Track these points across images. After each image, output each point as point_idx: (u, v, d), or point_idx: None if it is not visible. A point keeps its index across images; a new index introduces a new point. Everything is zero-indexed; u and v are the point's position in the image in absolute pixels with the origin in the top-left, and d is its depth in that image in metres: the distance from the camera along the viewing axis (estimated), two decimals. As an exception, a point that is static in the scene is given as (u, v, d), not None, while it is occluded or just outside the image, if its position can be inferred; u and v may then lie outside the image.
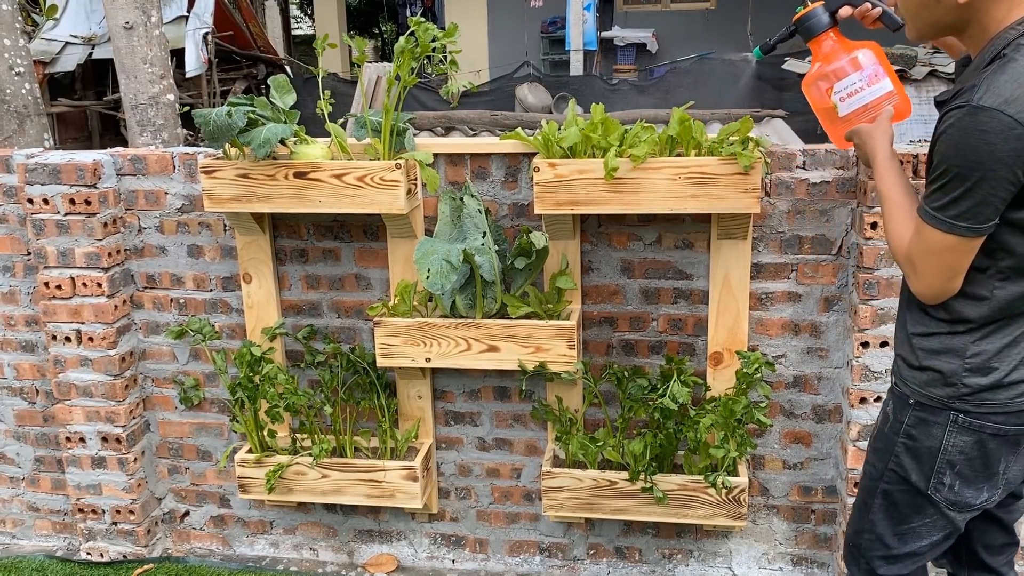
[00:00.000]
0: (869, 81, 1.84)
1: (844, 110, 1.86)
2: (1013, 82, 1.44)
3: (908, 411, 1.71)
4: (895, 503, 1.77)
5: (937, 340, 1.67)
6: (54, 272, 2.69)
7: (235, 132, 2.29)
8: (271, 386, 2.62)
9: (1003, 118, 1.42)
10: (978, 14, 1.55)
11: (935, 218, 1.54)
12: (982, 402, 1.64)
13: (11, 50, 4.99)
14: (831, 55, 1.87)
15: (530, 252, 2.40)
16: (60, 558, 2.97)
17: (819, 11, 1.88)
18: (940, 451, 1.68)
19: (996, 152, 1.44)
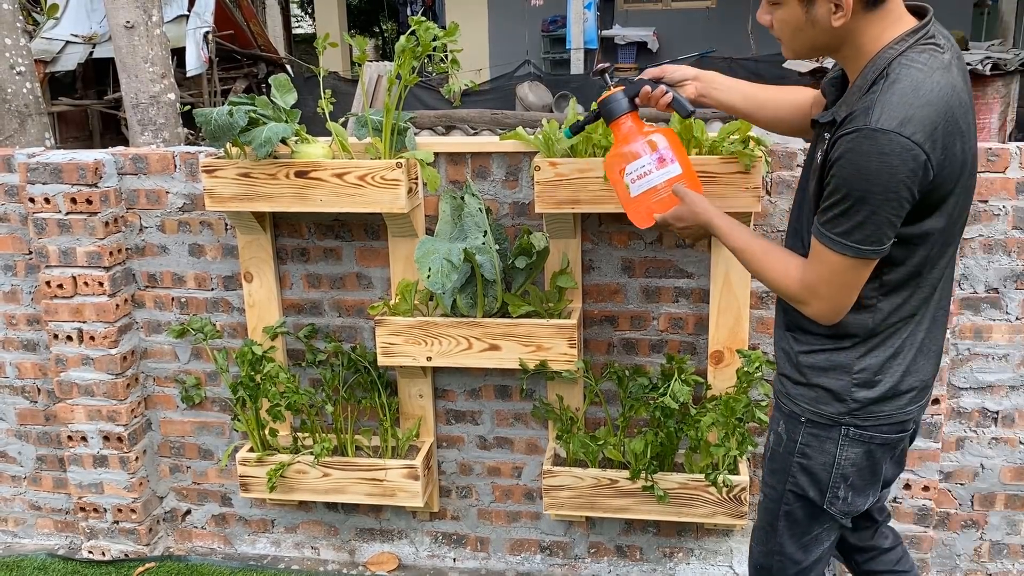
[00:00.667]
0: (657, 164, 1.89)
1: (635, 191, 1.92)
2: (904, 103, 1.44)
3: (800, 429, 1.73)
4: (797, 520, 1.80)
5: (823, 357, 1.68)
6: (56, 271, 2.70)
7: (236, 131, 2.29)
8: (272, 385, 2.62)
9: (901, 140, 1.43)
10: (853, 35, 1.55)
11: (840, 243, 1.53)
12: (870, 415, 1.67)
13: (12, 49, 4.99)
14: (627, 137, 1.92)
15: (531, 251, 2.40)
16: (62, 557, 2.98)
17: (619, 95, 1.93)
18: (834, 466, 1.71)
19: (896, 174, 1.44)
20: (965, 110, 1.52)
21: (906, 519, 2.51)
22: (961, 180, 1.53)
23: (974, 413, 2.52)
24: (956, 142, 1.49)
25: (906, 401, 1.69)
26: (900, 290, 1.61)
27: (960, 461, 2.57)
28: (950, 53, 1.53)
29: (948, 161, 1.48)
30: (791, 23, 1.58)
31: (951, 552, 2.64)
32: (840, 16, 1.51)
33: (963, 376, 2.50)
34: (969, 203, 1.62)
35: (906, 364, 1.66)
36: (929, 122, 1.44)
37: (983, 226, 2.38)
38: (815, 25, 1.55)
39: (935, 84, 1.47)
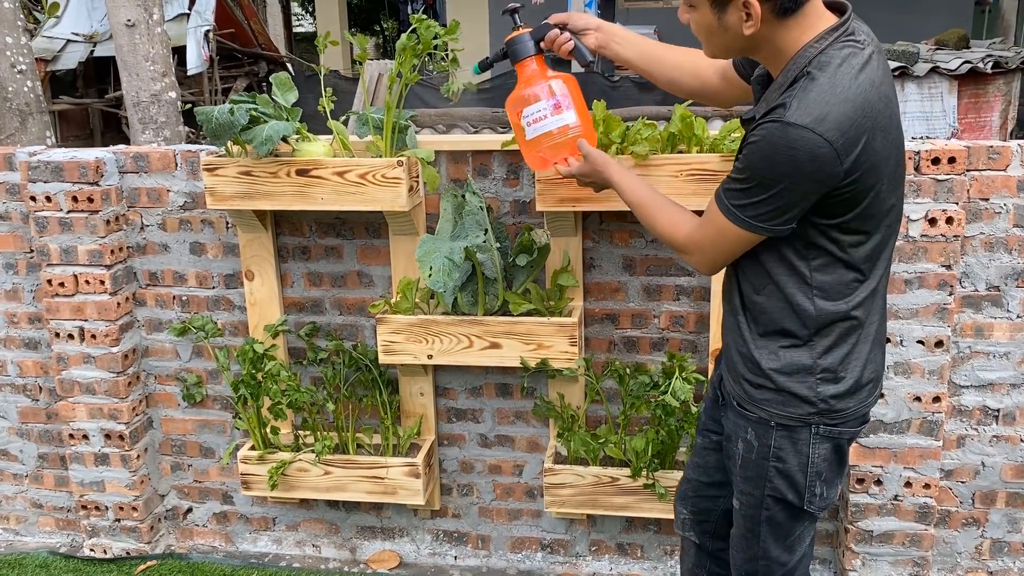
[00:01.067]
0: (553, 110, 1.90)
1: (530, 134, 1.93)
2: (821, 101, 1.47)
3: (772, 434, 1.74)
4: (779, 523, 1.81)
5: (786, 360, 1.69)
6: (57, 269, 2.70)
7: (237, 130, 2.29)
8: (274, 383, 2.62)
9: (812, 136, 1.46)
10: (769, 41, 1.57)
11: (733, 213, 1.60)
12: (837, 412, 1.70)
13: (13, 48, 4.99)
14: (529, 80, 1.94)
15: (532, 249, 2.40)
16: (63, 555, 2.98)
17: (525, 37, 1.95)
18: (808, 466, 1.73)
19: (801, 168, 1.49)
20: (886, 104, 1.54)
21: (907, 517, 2.51)
22: (886, 172, 1.56)
23: (975, 411, 2.52)
24: (876, 137, 1.51)
25: (866, 394, 1.73)
26: (850, 285, 1.64)
27: (961, 459, 2.57)
28: (871, 48, 1.55)
29: (866, 156, 1.51)
30: (704, 27, 1.62)
31: (952, 550, 2.65)
32: (751, 25, 1.54)
33: (964, 374, 2.50)
34: (901, 195, 1.65)
35: (864, 357, 1.69)
36: (844, 119, 1.47)
37: (984, 224, 2.38)
38: (727, 31, 1.58)
39: (852, 82, 1.49)
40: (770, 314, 1.68)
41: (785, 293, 1.65)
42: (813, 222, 1.58)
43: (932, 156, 2.29)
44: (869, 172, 1.53)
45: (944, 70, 6.41)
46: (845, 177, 1.50)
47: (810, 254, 1.62)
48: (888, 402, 2.44)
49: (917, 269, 2.35)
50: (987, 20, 10.36)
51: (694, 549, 2.10)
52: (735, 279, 1.75)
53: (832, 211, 1.56)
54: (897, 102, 1.59)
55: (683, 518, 2.08)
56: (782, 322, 1.67)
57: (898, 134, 1.58)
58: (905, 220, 2.32)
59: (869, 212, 1.58)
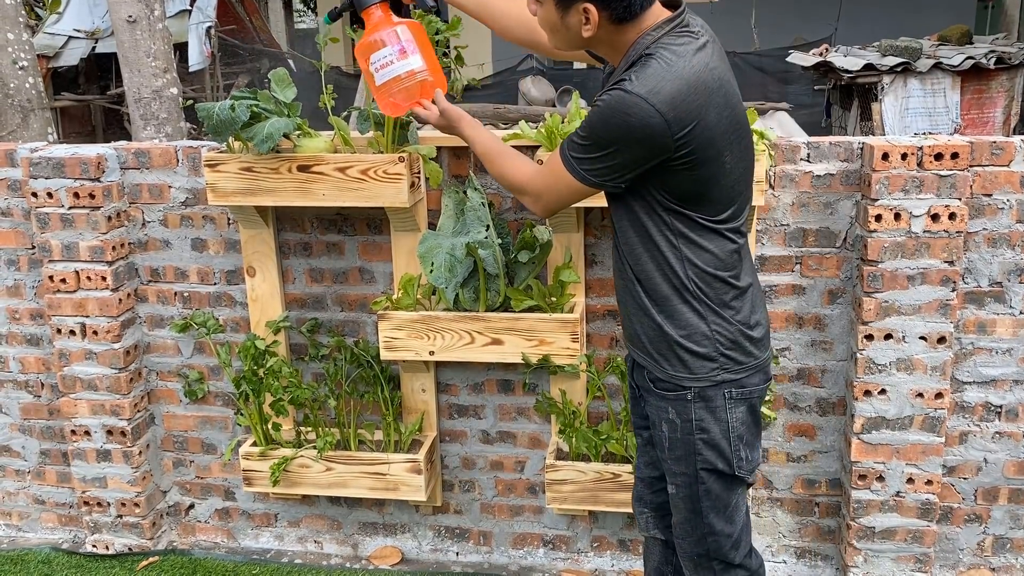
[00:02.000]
0: (399, 55, 1.96)
1: (379, 80, 1.98)
2: (656, 76, 1.61)
3: (690, 407, 1.81)
4: (717, 495, 1.86)
5: (685, 327, 1.78)
6: (59, 266, 2.70)
7: (238, 126, 2.29)
8: (275, 379, 2.62)
9: (645, 105, 1.60)
10: (608, 40, 1.72)
11: (571, 164, 1.73)
12: (741, 366, 1.80)
13: (15, 44, 4.99)
14: (376, 26, 1.99)
15: (534, 246, 2.40)
16: (66, 551, 2.98)
17: None
18: (729, 431, 1.82)
19: (633, 133, 1.62)
20: (721, 83, 1.67)
21: (909, 513, 2.51)
22: (729, 140, 1.69)
23: (977, 407, 2.52)
24: (710, 111, 1.64)
25: (762, 348, 1.83)
26: (714, 246, 1.75)
27: (963, 455, 2.56)
28: (706, 37, 1.70)
29: (700, 129, 1.63)
30: (549, 23, 1.74)
31: (954, 546, 2.64)
32: (588, 29, 1.68)
33: (967, 370, 2.49)
34: (749, 163, 1.79)
35: (746, 313, 1.80)
36: (677, 94, 1.60)
37: (987, 220, 2.38)
38: (569, 30, 1.72)
39: (686, 63, 1.63)
40: (654, 281, 1.78)
41: (661, 260, 1.76)
42: (665, 193, 1.70)
43: (935, 152, 2.28)
44: (706, 145, 1.65)
45: (947, 66, 6.40)
46: (677, 149, 1.63)
47: (672, 223, 1.73)
48: (890, 398, 2.44)
49: (920, 265, 2.35)
50: (990, 16, 10.34)
51: (659, 546, 2.13)
52: (623, 258, 1.84)
53: (676, 180, 1.68)
54: (734, 82, 1.73)
55: (645, 517, 2.12)
56: (663, 284, 1.77)
57: (733, 111, 1.70)
58: (907, 216, 2.32)
59: (711, 175, 1.69)
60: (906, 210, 2.31)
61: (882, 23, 10.04)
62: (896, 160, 2.29)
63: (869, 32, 9.03)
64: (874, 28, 9.51)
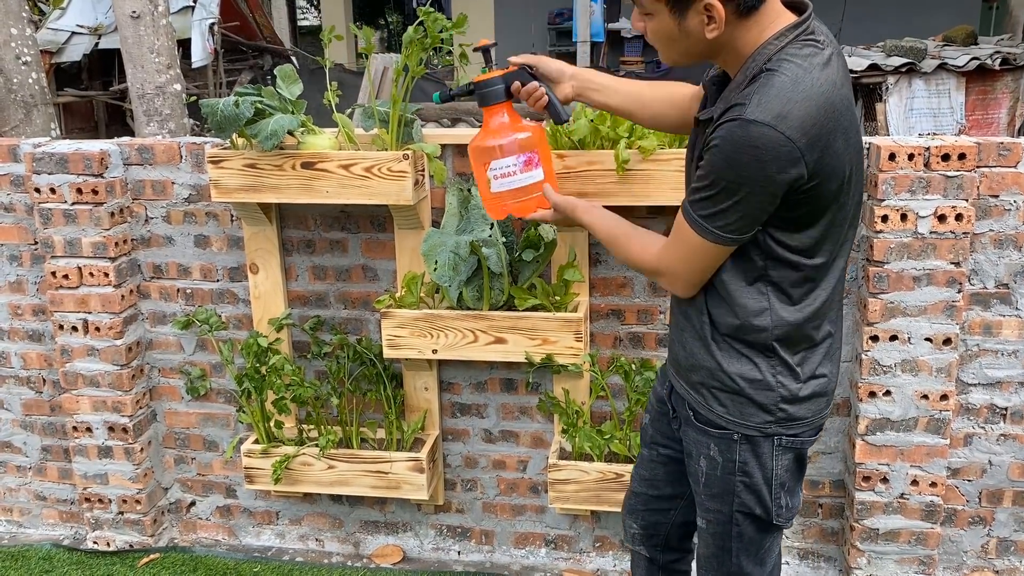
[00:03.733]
0: (524, 167, 1.84)
1: (496, 187, 1.85)
2: (782, 98, 1.42)
3: (735, 448, 1.68)
4: (750, 538, 1.76)
5: (748, 367, 1.63)
6: (61, 262, 2.69)
7: (242, 123, 2.28)
8: (278, 377, 2.62)
9: (774, 134, 1.40)
10: (730, 42, 1.52)
11: (702, 226, 1.52)
12: (795, 421, 1.65)
13: (18, 39, 4.99)
14: (499, 130, 1.85)
15: (538, 244, 2.39)
16: (67, 547, 2.98)
17: (497, 81, 1.84)
18: (772, 478, 1.69)
19: (766, 168, 1.42)
20: (847, 105, 1.49)
21: (913, 515, 2.50)
22: (847, 176, 1.51)
23: (982, 409, 2.51)
24: (837, 139, 1.46)
25: (823, 404, 1.68)
26: (806, 296, 1.59)
27: (968, 457, 2.55)
28: (831, 49, 1.50)
29: (828, 158, 1.45)
30: (664, 33, 1.55)
31: (958, 548, 2.63)
32: (714, 28, 1.49)
33: (972, 372, 2.48)
34: (860, 199, 1.60)
35: (815, 367, 1.64)
36: (808, 117, 1.42)
37: (994, 221, 2.37)
38: (689, 36, 1.52)
39: (814, 80, 1.44)
40: (728, 318, 1.62)
41: (740, 297, 1.60)
42: (774, 233, 1.53)
43: (942, 152, 2.27)
44: (831, 175, 1.48)
45: (952, 66, 6.38)
46: (810, 179, 1.45)
47: (766, 258, 1.56)
48: (895, 399, 2.43)
49: (926, 266, 2.34)
50: (995, 16, 10.32)
51: (645, 562, 2.06)
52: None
53: (792, 214, 1.50)
54: (854, 105, 1.55)
55: (633, 532, 2.03)
56: (738, 326, 1.62)
57: (857, 137, 1.54)
58: (914, 216, 2.31)
59: (830, 218, 1.53)
60: (912, 211, 2.30)
61: (887, 23, 10.02)
62: (903, 160, 2.28)
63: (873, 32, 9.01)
64: (879, 28, 9.49)
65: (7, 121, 5.04)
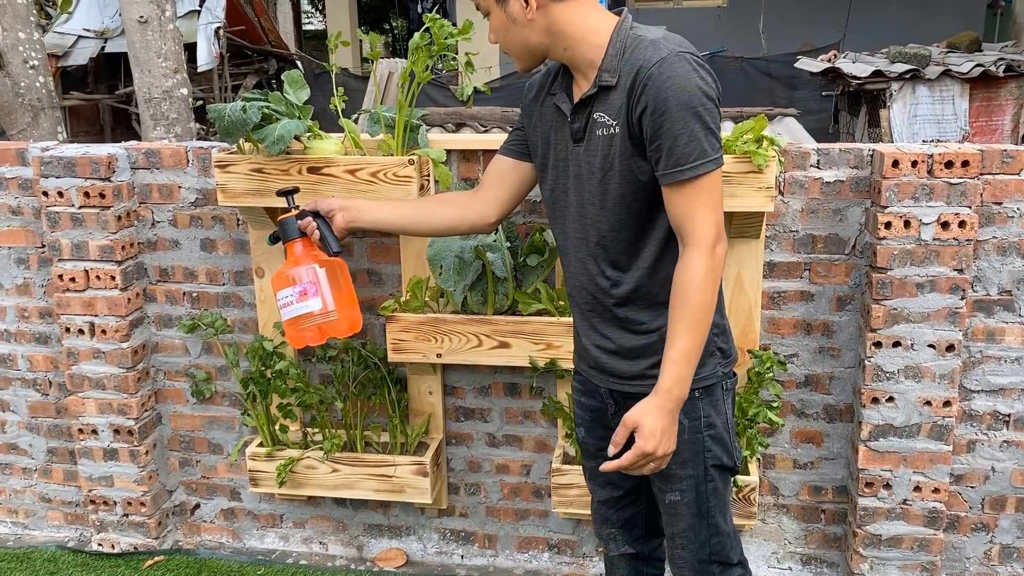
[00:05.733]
0: (299, 297, 1.97)
1: (284, 315, 2.01)
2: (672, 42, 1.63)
3: (698, 404, 1.75)
4: (721, 493, 1.83)
5: None
6: (68, 265, 2.71)
7: (249, 127, 2.29)
8: (283, 381, 2.63)
9: (695, 59, 1.60)
10: (558, 26, 1.66)
11: (705, 163, 1.59)
12: (729, 358, 1.80)
13: (26, 43, 5.01)
14: (290, 262, 2.01)
15: (543, 249, 2.40)
16: (72, 549, 2.99)
17: (290, 220, 1.99)
18: (727, 422, 1.80)
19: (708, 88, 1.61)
20: None
21: (916, 521, 2.50)
22: None
23: (985, 416, 2.51)
24: None
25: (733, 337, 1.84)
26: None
27: (971, 464, 2.55)
28: None
29: None
30: (500, 30, 1.69)
31: (961, 555, 2.64)
32: (529, 10, 1.63)
33: (975, 379, 2.49)
34: None
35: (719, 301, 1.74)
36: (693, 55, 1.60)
37: (997, 228, 2.37)
38: (516, 22, 1.66)
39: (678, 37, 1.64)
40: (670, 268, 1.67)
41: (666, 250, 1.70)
42: None
43: (945, 159, 2.28)
44: None
45: (956, 73, 6.39)
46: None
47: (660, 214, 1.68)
48: (898, 405, 2.43)
49: (929, 272, 2.34)
50: (999, 23, 10.32)
51: (627, 561, 2.05)
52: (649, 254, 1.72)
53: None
54: None
55: (612, 536, 2.03)
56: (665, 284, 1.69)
57: None
58: (917, 223, 2.31)
59: None
60: (916, 217, 2.31)
61: (891, 30, 10.03)
62: (906, 167, 2.29)
63: (878, 38, 9.01)
64: (883, 34, 9.49)
65: (14, 124, 5.06)
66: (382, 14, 19.81)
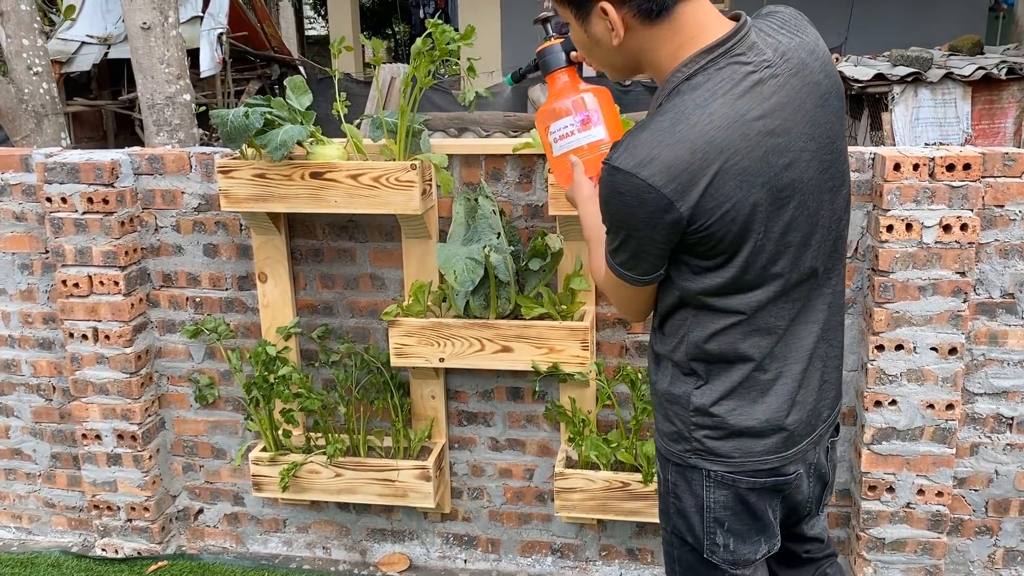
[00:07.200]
0: (581, 126, 1.78)
1: (557, 151, 1.80)
2: (652, 141, 1.30)
3: (669, 468, 1.57)
4: (690, 566, 1.60)
5: (668, 388, 1.53)
6: (72, 270, 2.71)
7: (252, 133, 2.30)
8: (285, 386, 2.63)
9: (636, 181, 1.30)
10: (645, 54, 1.41)
11: (610, 262, 1.47)
12: (718, 458, 1.50)
13: (29, 50, 5.03)
14: (560, 93, 1.82)
15: (545, 254, 2.40)
16: (75, 554, 2.99)
17: (557, 48, 1.83)
18: (704, 510, 1.53)
19: (635, 215, 1.34)
20: (759, 139, 1.31)
21: (919, 525, 2.50)
22: (749, 218, 1.34)
23: (988, 419, 2.51)
24: (726, 180, 1.30)
25: (761, 448, 1.48)
26: (726, 331, 1.44)
27: (974, 467, 2.55)
28: (765, 72, 1.33)
29: (711, 201, 1.31)
30: (582, 44, 1.49)
31: (964, 559, 2.63)
32: (615, 35, 1.39)
33: (978, 381, 2.48)
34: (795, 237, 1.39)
35: (748, 404, 1.47)
36: (677, 161, 1.29)
37: (999, 231, 2.37)
38: (599, 44, 1.44)
39: (703, 116, 1.29)
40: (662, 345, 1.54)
41: (672, 328, 1.51)
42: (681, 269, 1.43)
43: (947, 162, 2.28)
44: (722, 219, 1.32)
45: (958, 76, 6.39)
46: (688, 223, 1.32)
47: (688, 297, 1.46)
48: (901, 409, 2.43)
49: (931, 276, 2.34)
50: (1001, 26, 10.32)
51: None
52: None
53: (691, 258, 1.39)
54: (803, 140, 1.36)
55: None
56: (660, 351, 1.53)
57: (780, 178, 1.34)
58: (919, 226, 2.31)
59: (740, 261, 1.37)
60: (918, 221, 2.31)
61: (893, 33, 10.03)
62: (908, 171, 2.29)
63: (879, 42, 9.02)
64: (884, 38, 9.49)
65: (18, 131, 5.08)
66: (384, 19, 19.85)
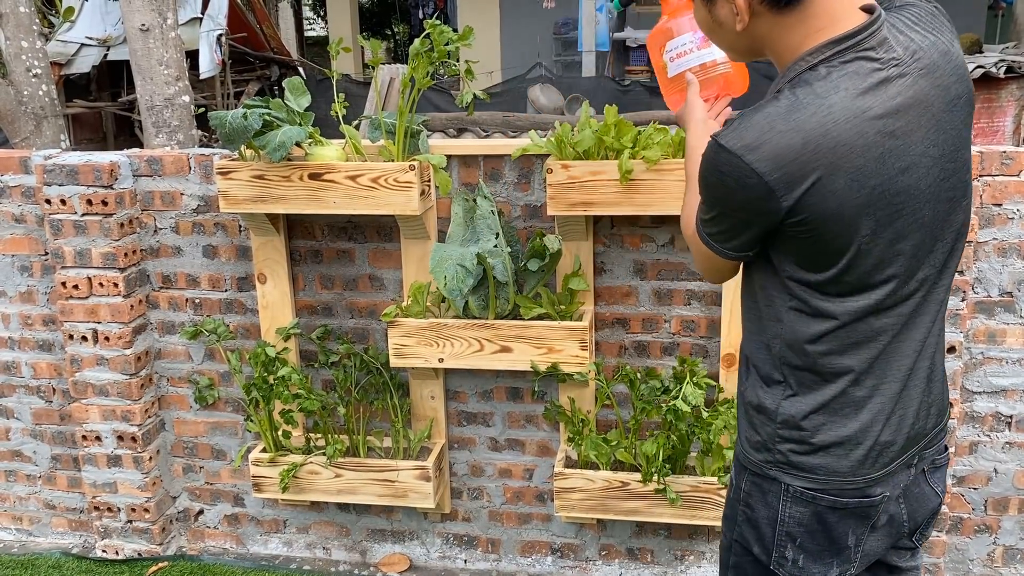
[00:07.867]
0: (700, 43, 1.65)
1: (672, 70, 1.69)
2: (764, 125, 1.26)
3: (744, 476, 1.50)
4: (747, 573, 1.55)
5: (755, 396, 1.47)
6: (71, 272, 2.72)
7: (251, 134, 2.31)
8: (285, 387, 2.63)
9: (739, 163, 1.26)
10: (768, 41, 1.36)
11: (698, 224, 1.45)
12: (802, 473, 1.43)
13: (28, 52, 5.03)
14: (675, 11, 1.71)
15: (544, 254, 2.40)
16: (76, 555, 3.00)
17: None
18: (777, 522, 1.46)
19: (733, 197, 1.31)
20: (880, 140, 1.25)
21: (919, 523, 2.50)
22: (866, 223, 1.28)
23: (987, 417, 2.51)
24: (837, 178, 1.24)
25: (848, 467, 1.40)
26: (821, 339, 1.37)
27: (973, 465, 2.55)
28: (893, 70, 1.27)
29: (817, 198, 1.26)
30: (705, 24, 1.44)
31: (964, 557, 2.63)
32: (740, 19, 1.34)
33: (976, 380, 2.49)
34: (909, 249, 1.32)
35: (839, 420, 1.40)
36: (787, 150, 1.24)
37: (997, 229, 2.38)
38: (722, 27, 1.39)
39: (823, 108, 1.24)
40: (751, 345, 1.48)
41: (764, 326, 1.44)
42: (780, 260, 1.37)
43: (945, 161, 2.28)
44: (828, 217, 1.27)
45: (961, 73, 6.38)
46: (788, 216, 1.27)
47: (784, 293, 1.39)
48: (900, 408, 2.43)
49: (929, 275, 2.34)
50: (1000, 24, 10.32)
51: None
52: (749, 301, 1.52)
53: (790, 250, 1.34)
54: (925, 145, 1.29)
55: None
56: (755, 355, 1.47)
57: (894, 182, 1.27)
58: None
59: (845, 262, 1.30)
60: (916, 219, 2.31)
61: (891, 32, 10.01)
62: (906, 170, 2.29)
63: (878, 41, 9.00)
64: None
65: (18, 133, 5.08)
66: (383, 20, 19.85)
